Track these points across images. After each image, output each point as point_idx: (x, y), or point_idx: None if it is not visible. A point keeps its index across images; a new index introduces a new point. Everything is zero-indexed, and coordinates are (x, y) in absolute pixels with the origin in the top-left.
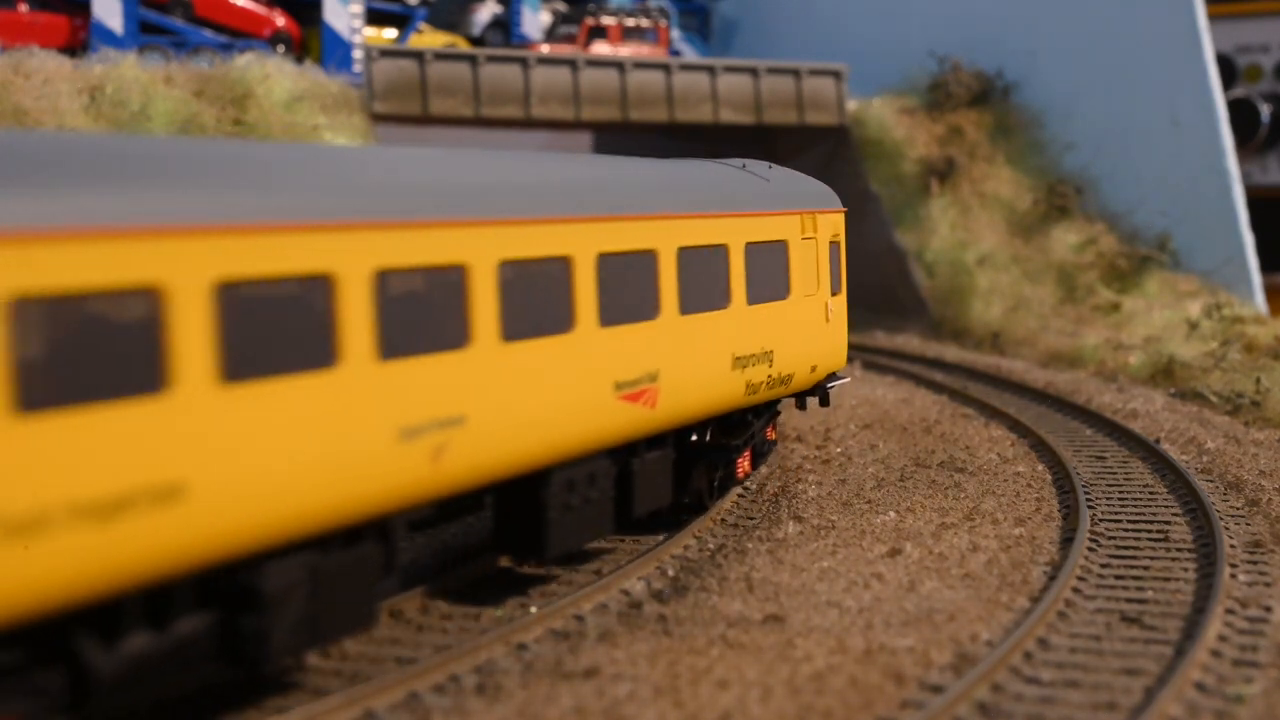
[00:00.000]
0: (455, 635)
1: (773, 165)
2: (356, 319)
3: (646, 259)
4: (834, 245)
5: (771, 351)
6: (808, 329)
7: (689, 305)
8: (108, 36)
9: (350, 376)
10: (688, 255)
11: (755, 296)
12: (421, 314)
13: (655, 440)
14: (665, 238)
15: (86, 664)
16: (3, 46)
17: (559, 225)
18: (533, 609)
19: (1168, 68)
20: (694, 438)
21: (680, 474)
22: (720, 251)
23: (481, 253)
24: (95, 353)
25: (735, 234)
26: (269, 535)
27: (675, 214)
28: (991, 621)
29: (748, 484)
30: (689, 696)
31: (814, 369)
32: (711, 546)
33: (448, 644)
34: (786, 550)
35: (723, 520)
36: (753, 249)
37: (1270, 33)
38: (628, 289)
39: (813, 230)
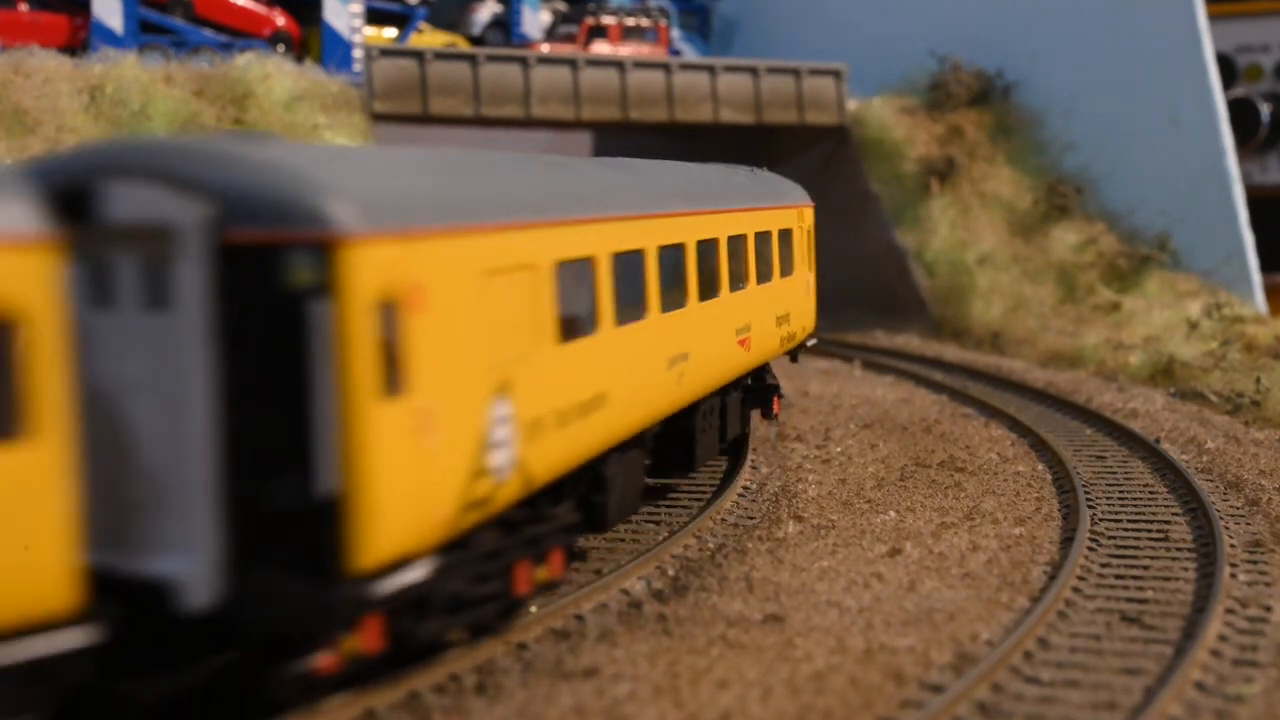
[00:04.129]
0: (455, 635)
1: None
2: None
3: (743, 241)
4: (786, 233)
5: (788, 314)
6: (801, 300)
7: (761, 278)
8: (108, 36)
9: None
10: (759, 239)
11: (783, 272)
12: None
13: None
14: (751, 224)
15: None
16: (3, 46)
17: (723, 214)
18: (533, 609)
19: (1168, 68)
20: (749, 381)
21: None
22: (767, 236)
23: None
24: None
25: (775, 222)
26: None
27: (754, 207)
28: (991, 621)
29: (747, 483)
30: (689, 696)
31: (797, 333)
32: (711, 546)
33: (448, 643)
34: (786, 550)
35: (723, 520)
36: (780, 235)
37: (1270, 33)
38: (737, 263)
39: (799, 220)
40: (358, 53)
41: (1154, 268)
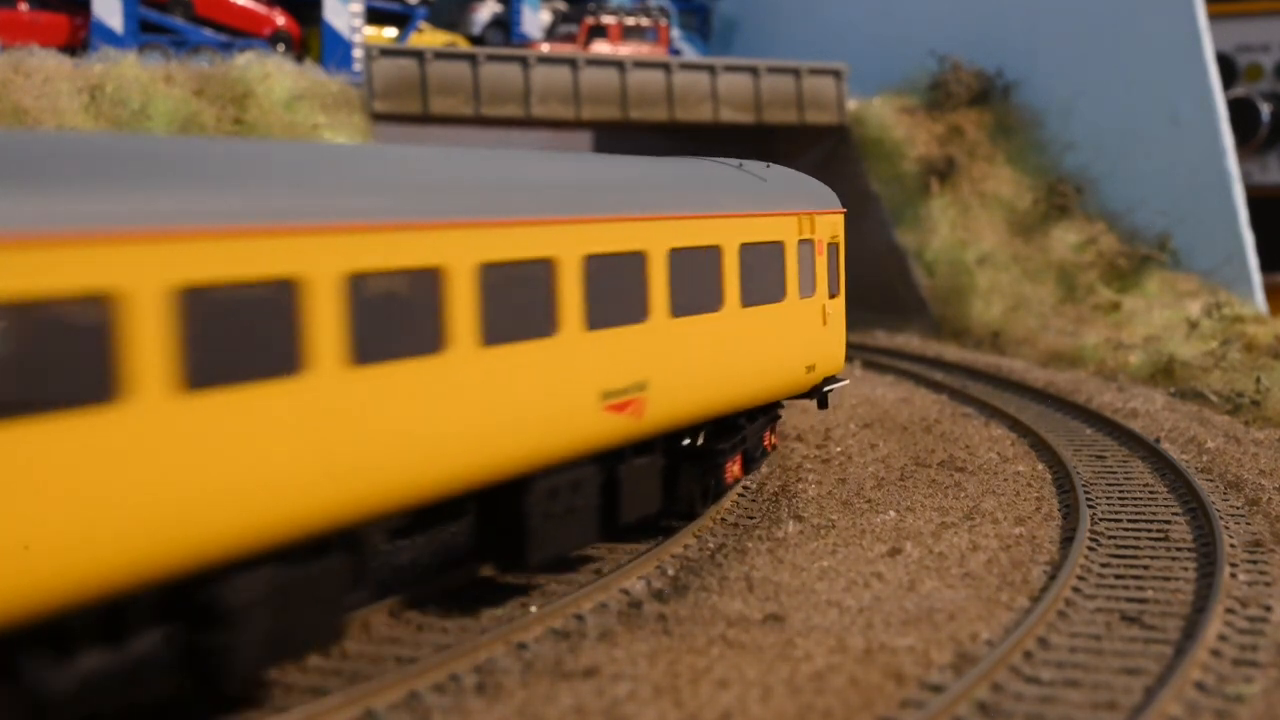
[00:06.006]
0: (455, 635)
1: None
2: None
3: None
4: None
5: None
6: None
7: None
8: (108, 35)
9: None
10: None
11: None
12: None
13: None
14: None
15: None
16: (3, 45)
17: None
18: (533, 608)
19: (1168, 68)
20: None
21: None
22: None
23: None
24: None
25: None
26: None
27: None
28: (991, 621)
29: (747, 483)
30: (689, 696)
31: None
32: (711, 546)
33: (448, 643)
34: (786, 549)
35: (723, 520)
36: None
37: (1270, 32)
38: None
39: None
40: (358, 52)
41: (1154, 268)
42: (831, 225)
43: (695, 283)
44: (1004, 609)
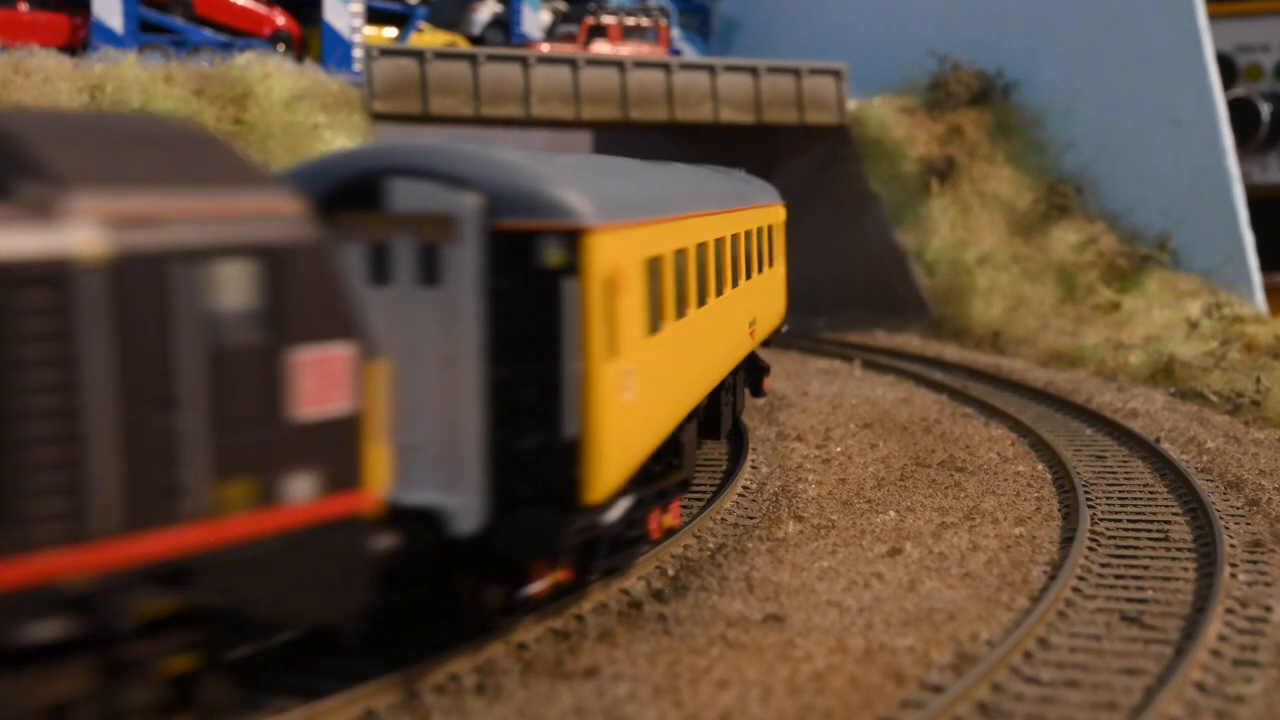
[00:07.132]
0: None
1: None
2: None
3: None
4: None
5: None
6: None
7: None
8: (108, 35)
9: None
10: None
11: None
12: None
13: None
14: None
15: None
16: (3, 45)
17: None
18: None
19: (1168, 68)
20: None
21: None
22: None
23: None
24: None
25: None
26: None
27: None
28: (991, 621)
29: (747, 483)
30: (689, 696)
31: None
32: (711, 546)
33: (448, 643)
34: (786, 550)
35: (723, 519)
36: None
37: (1270, 32)
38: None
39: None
40: (358, 52)
41: (1154, 267)
42: (782, 213)
43: (760, 251)
44: (1004, 609)
